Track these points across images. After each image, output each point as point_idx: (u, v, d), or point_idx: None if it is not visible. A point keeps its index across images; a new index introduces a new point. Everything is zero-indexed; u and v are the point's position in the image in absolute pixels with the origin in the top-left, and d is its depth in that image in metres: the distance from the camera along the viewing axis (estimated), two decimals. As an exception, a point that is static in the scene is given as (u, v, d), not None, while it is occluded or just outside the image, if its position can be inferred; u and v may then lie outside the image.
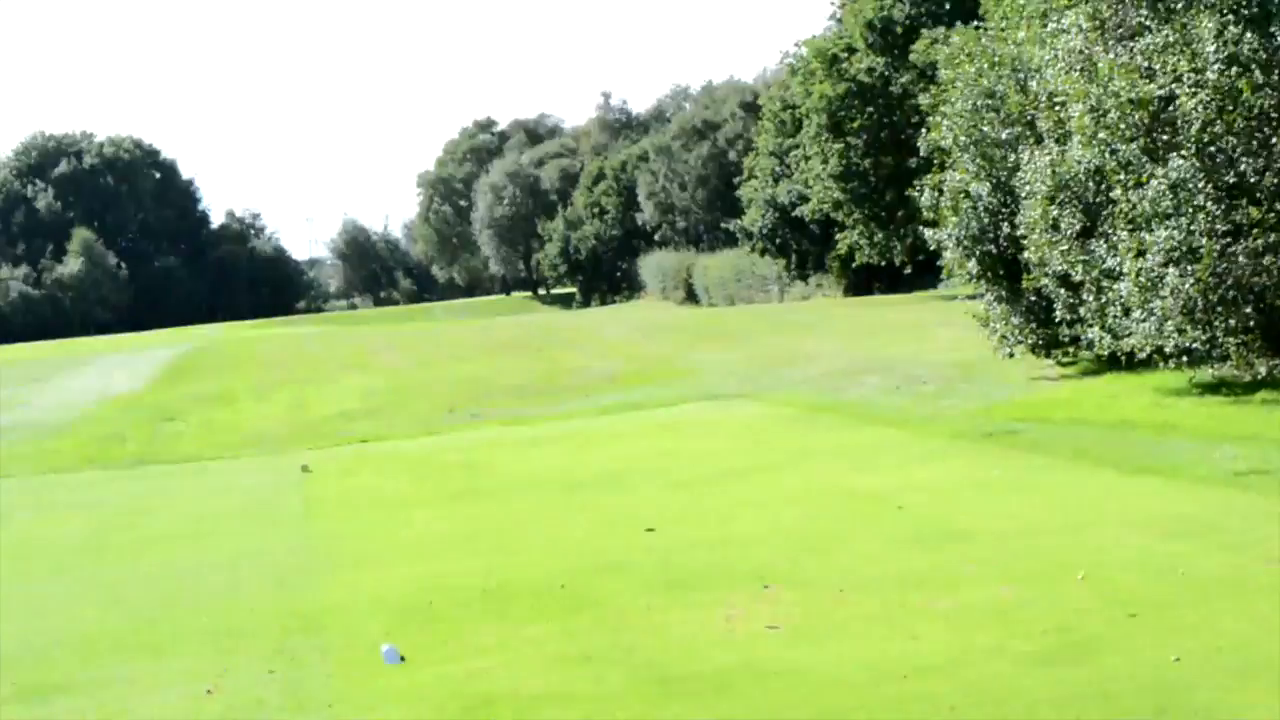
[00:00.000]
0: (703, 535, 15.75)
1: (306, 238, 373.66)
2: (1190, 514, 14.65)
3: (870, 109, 55.60)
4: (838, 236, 62.78)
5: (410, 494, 20.42)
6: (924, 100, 33.71)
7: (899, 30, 55.08)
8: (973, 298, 28.71)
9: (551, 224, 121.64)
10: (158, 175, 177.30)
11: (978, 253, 27.19)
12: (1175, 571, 12.29)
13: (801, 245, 72.61)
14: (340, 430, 30.37)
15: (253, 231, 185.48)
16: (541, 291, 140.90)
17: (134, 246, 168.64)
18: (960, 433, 21.88)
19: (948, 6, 53.55)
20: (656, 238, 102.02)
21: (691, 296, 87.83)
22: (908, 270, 60.30)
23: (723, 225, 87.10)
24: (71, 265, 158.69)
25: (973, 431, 21.81)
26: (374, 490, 20.97)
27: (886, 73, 55.09)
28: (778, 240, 72.53)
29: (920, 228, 32.13)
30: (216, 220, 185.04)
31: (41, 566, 17.52)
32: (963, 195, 27.25)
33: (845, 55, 56.55)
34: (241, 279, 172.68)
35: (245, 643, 12.73)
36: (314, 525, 18.60)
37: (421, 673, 11.36)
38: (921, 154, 31.11)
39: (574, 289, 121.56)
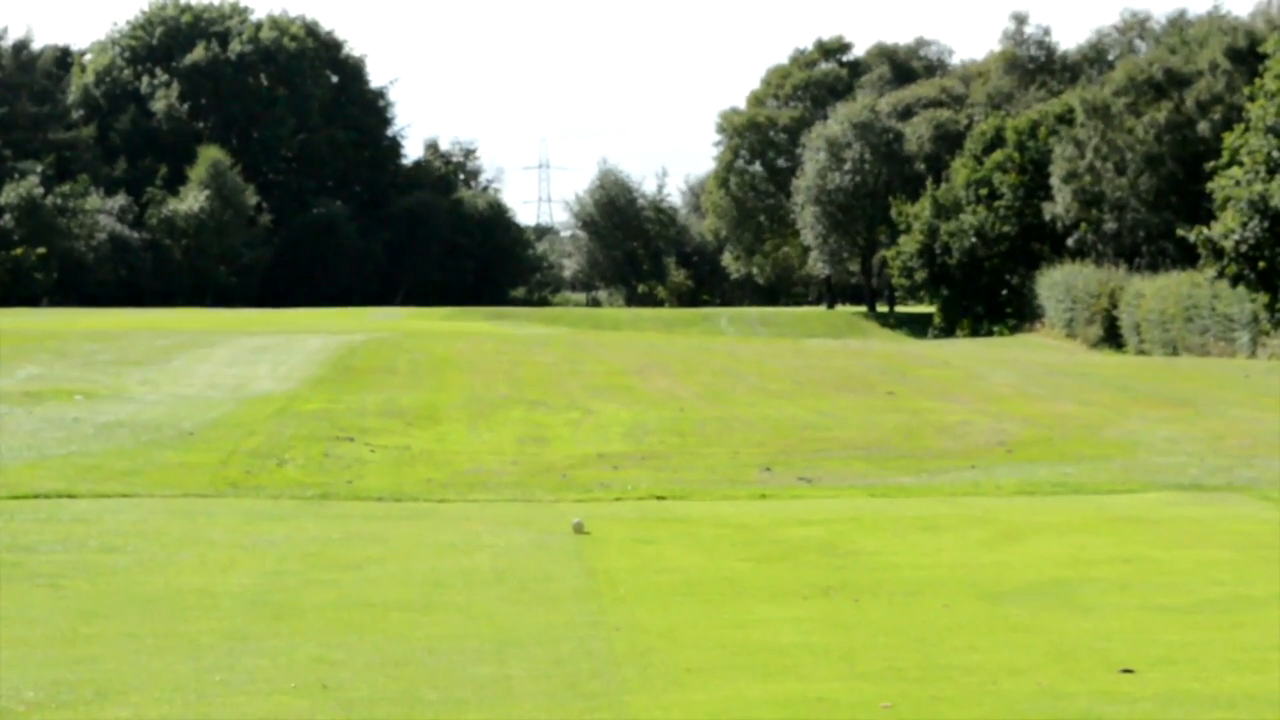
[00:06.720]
0: (1208, 690, 7.72)
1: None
2: None
3: None
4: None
5: (747, 581, 10.84)
6: None
7: None
8: None
9: (913, 207, 67.31)
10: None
11: None
12: None
13: (1300, 274, 39.30)
14: (604, 482, 17.41)
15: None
16: (882, 308, 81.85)
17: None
18: None
19: None
20: (1070, 242, 57.35)
21: (1112, 337, 50.80)
22: None
23: (1177, 233, 46.68)
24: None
25: None
26: (688, 570, 11.31)
27: None
28: (1261, 264, 40.29)
29: None
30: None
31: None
32: None
33: None
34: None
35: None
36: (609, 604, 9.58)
37: None
38: None
39: (933, 308, 69.26)
